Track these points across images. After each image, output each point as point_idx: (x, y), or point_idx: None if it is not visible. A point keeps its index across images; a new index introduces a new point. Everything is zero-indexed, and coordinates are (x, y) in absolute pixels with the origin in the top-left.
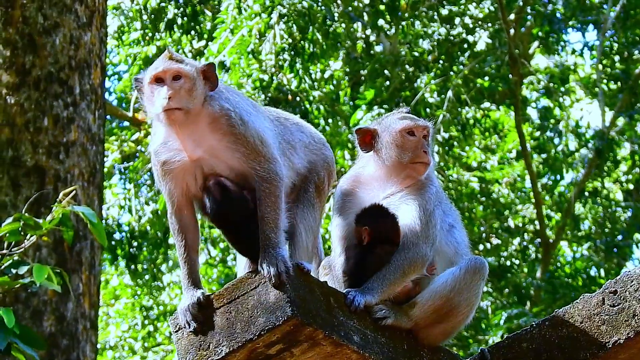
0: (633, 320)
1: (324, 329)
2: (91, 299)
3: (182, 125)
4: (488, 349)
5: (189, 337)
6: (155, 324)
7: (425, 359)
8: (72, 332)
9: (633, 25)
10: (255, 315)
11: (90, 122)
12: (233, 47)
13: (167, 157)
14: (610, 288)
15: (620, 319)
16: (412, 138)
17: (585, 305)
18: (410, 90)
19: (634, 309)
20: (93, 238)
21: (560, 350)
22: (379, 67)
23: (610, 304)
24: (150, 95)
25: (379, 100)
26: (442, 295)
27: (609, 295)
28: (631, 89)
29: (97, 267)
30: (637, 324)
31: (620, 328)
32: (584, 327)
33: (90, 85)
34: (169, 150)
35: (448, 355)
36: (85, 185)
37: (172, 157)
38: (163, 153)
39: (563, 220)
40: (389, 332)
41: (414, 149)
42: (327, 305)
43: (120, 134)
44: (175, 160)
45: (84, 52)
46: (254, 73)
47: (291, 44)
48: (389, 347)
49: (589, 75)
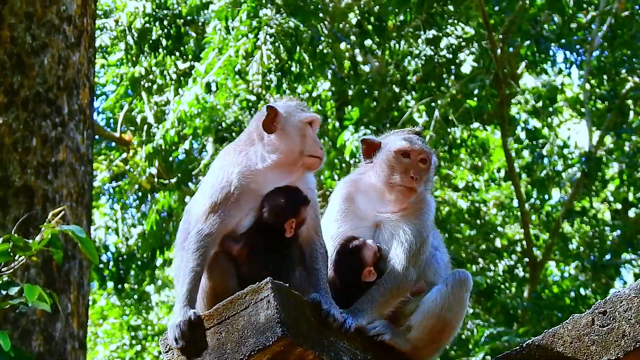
0: (623, 341)
1: (314, 350)
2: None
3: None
4: None
5: (179, 358)
6: (143, 344)
7: None
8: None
9: (620, 44)
10: (245, 335)
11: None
12: (220, 68)
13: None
14: (600, 308)
15: (610, 340)
16: (405, 160)
17: (575, 326)
18: (398, 111)
19: (623, 329)
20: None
21: None
22: (366, 87)
23: (600, 324)
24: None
25: (366, 121)
26: (434, 313)
27: (598, 316)
28: (619, 108)
29: (86, 287)
30: (627, 345)
31: (610, 348)
32: (574, 348)
33: (78, 106)
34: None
35: None
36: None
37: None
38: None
39: (551, 240)
40: (378, 354)
41: (403, 171)
42: (317, 325)
43: (109, 154)
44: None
45: (73, 72)
46: (241, 93)
47: (278, 65)
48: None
49: (576, 95)
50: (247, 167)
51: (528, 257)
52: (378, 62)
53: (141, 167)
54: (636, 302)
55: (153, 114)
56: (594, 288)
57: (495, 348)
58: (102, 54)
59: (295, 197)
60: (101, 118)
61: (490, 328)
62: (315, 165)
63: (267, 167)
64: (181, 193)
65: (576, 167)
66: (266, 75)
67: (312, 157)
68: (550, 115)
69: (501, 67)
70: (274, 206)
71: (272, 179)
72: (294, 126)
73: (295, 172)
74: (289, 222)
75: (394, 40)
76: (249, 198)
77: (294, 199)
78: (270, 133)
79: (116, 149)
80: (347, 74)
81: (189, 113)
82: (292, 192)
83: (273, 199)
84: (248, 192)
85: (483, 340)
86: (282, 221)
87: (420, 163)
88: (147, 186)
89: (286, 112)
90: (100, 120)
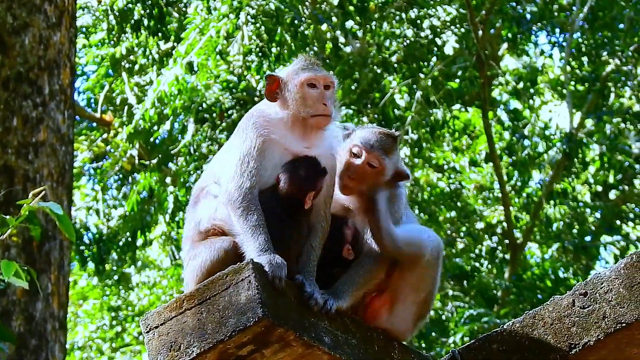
0: (603, 322)
1: (295, 330)
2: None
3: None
4: (458, 350)
5: (160, 338)
6: (123, 325)
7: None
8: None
9: (601, 27)
10: (226, 316)
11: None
12: (201, 48)
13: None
14: (581, 290)
15: (591, 321)
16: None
17: (556, 307)
18: (379, 92)
19: (604, 310)
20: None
21: (531, 352)
22: (347, 69)
23: (581, 305)
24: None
25: (347, 102)
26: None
27: (579, 297)
28: (599, 91)
29: (66, 268)
30: (607, 326)
31: (590, 330)
32: (555, 329)
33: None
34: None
35: (419, 356)
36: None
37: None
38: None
39: (531, 222)
40: (359, 334)
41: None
42: (298, 306)
43: (89, 134)
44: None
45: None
46: (222, 74)
47: (259, 45)
48: (360, 348)
49: (557, 77)
50: (264, 118)
51: (508, 239)
52: (359, 43)
53: (122, 147)
54: (617, 283)
55: (134, 95)
56: (575, 269)
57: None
58: (83, 34)
59: (313, 169)
60: (82, 98)
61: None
62: (322, 123)
63: (282, 121)
64: (162, 174)
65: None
66: (247, 56)
67: (316, 117)
68: (531, 96)
69: (483, 48)
70: (292, 178)
71: (291, 135)
72: (291, 91)
73: (309, 132)
74: (309, 194)
75: (375, 22)
76: (272, 150)
77: (312, 171)
78: (273, 101)
79: (97, 130)
80: (329, 56)
81: (169, 93)
82: (310, 164)
83: (291, 171)
84: (270, 143)
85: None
86: (299, 193)
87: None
88: (128, 167)
89: (286, 77)
90: (81, 101)
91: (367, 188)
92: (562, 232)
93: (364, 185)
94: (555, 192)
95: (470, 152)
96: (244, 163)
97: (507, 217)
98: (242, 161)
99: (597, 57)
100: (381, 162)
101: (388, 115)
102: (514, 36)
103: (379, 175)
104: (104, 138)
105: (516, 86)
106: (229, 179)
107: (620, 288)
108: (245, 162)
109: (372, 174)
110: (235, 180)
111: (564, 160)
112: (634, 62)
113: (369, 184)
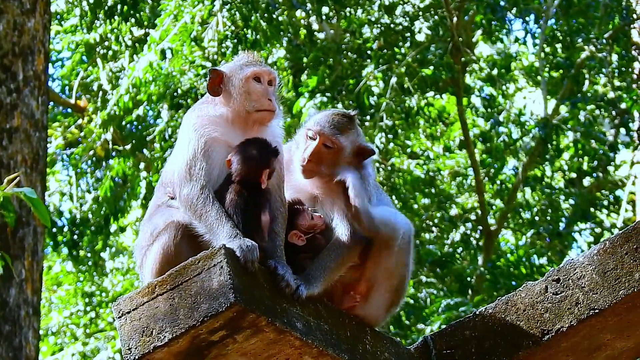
0: (576, 309)
1: (267, 316)
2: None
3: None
4: (431, 337)
5: (132, 323)
6: (97, 311)
7: (368, 345)
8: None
9: (576, 13)
10: (198, 301)
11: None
12: (176, 34)
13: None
14: (554, 276)
15: (563, 307)
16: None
17: (529, 293)
18: (354, 78)
19: (576, 297)
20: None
21: (503, 338)
22: (321, 55)
23: (553, 291)
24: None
25: (322, 88)
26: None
27: (552, 283)
28: (574, 77)
29: (40, 253)
30: (580, 312)
31: (563, 316)
32: (527, 315)
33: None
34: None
35: (391, 342)
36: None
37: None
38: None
39: (505, 209)
40: (332, 320)
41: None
42: (271, 291)
43: (63, 121)
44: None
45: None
46: (197, 60)
47: (234, 32)
48: (332, 333)
49: (531, 64)
50: (206, 117)
51: (482, 225)
52: (333, 30)
53: (96, 133)
54: (589, 269)
55: (108, 81)
56: (550, 257)
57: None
58: (57, 20)
59: (265, 147)
60: (56, 84)
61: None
62: (266, 119)
63: (222, 118)
64: (136, 160)
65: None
66: (222, 42)
67: (260, 112)
68: (505, 83)
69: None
70: (246, 157)
71: (233, 132)
72: (235, 85)
73: (251, 128)
74: (264, 172)
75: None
76: (216, 148)
77: (264, 148)
78: (216, 96)
79: (71, 116)
80: (303, 42)
81: (143, 79)
82: (261, 142)
83: (244, 150)
84: (214, 142)
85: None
86: (254, 173)
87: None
88: (102, 153)
89: (230, 72)
90: (56, 87)
91: (327, 168)
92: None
93: (324, 166)
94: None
95: (445, 139)
96: (192, 167)
97: (482, 204)
98: (189, 165)
99: (572, 43)
100: (335, 141)
101: (363, 102)
102: (488, 23)
103: (337, 154)
104: (78, 124)
105: (490, 73)
106: (181, 185)
107: (594, 274)
108: (192, 165)
109: (330, 154)
110: (186, 185)
111: (539, 147)
112: (609, 49)
113: (328, 164)
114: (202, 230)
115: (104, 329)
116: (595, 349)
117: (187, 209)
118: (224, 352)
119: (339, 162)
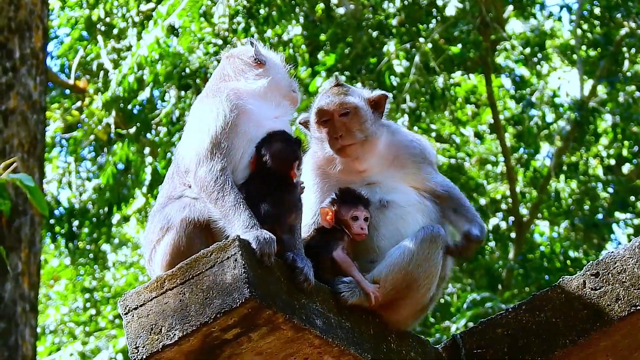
0: (616, 305)
1: (284, 312)
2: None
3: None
4: (460, 335)
5: (139, 320)
6: (98, 307)
7: (393, 344)
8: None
9: None
10: (210, 296)
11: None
12: (184, 9)
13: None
14: (592, 270)
15: (603, 304)
16: (324, 128)
17: (565, 289)
18: (375, 57)
19: (617, 292)
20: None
21: (538, 337)
22: (340, 32)
23: (592, 287)
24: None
25: (340, 67)
26: (400, 267)
27: (590, 278)
28: (612, 56)
29: (38, 245)
30: (621, 309)
31: (602, 313)
32: (564, 312)
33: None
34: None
35: (416, 340)
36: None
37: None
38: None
39: (538, 198)
40: (354, 317)
41: (330, 137)
42: (288, 286)
43: (63, 102)
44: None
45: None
46: (206, 37)
47: (246, 7)
48: (354, 331)
49: (567, 41)
50: (236, 90)
51: (514, 215)
52: (353, 4)
53: (97, 116)
54: (631, 263)
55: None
56: (586, 249)
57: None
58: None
59: (291, 140)
60: (55, 64)
61: (474, 293)
62: (296, 102)
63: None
64: (140, 144)
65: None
66: (233, 18)
67: (295, 93)
68: (539, 62)
69: (487, 10)
70: (277, 151)
71: (264, 105)
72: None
73: (283, 105)
74: (294, 165)
75: None
76: (247, 124)
77: (289, 142)
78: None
79: (70, 97)
80: (320, 17)
81: (149, 58)
82: (286, 135)
83: (273, 145)
84: (244, 115)
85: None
86: (285, 166)
87: (342, 118)
88: (104, 137)
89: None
90: (54, 66)
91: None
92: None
93: (356, 132)
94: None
95: (476, 122)
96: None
97: (513, 192)
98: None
99: (611, 19)
100: (346, 104)
101: (384, 82)
102: None
103: (357, 115)
104: (77, 106)
105: (523, 51)
106: (199, 164)
107: (635, 268)
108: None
109: (351, 119)
110: (205, 164)
111: (574, 131)
112: None
113: (358, 128)
114: (217, 216)
115: (105, 327)
116: (637, 348)
117: (201, 189)
118: (238, 351)
119: (365, 120)
